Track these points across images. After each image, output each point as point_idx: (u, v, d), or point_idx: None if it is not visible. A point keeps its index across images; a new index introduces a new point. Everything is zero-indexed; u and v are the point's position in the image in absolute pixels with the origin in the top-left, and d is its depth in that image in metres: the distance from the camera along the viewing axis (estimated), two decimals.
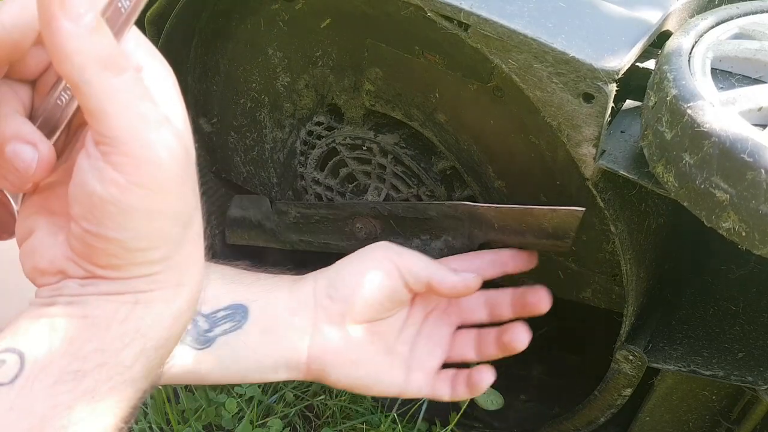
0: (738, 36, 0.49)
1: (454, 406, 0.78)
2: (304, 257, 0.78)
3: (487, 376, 0.61)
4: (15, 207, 0.41)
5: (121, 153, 0.33)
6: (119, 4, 0.33)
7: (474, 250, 0.64)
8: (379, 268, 0.60)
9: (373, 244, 0.63)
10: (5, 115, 0.35)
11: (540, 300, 0.60)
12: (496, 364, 0.82)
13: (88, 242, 0.35)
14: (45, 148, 0.35)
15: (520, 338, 0.60)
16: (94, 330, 0.35)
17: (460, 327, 0.65)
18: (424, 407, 0.78)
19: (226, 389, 0.79)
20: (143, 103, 0.34)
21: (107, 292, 0.36)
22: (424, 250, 0.67)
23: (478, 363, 0.63)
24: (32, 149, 0.35)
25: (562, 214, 0.57)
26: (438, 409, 0.78)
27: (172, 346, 0.39)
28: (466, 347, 0.64)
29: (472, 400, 0.76)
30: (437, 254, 0.67)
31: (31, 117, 0.37)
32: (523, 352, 0.61)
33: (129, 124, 0.33)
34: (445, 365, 0.64)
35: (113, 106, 0.32)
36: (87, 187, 0.34)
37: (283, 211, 0.74)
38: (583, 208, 0.56)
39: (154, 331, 0.37)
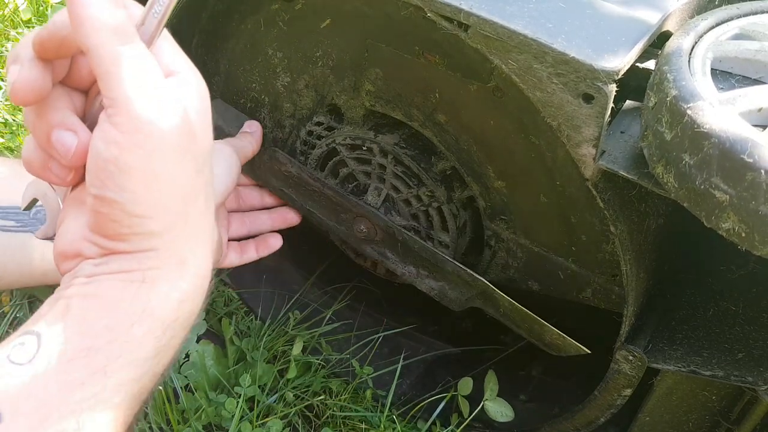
0: (738, 36, 0.49)
1: (455, 406, 0.78)
2: None
3: (276, 241, 0.74)
4: (60, 204, 0.44)
5: (121, 112, 0.36)
6: (152, 11, 0.39)
7: (462, 308, 0.66)
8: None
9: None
10: (57, 108, 0.40)
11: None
12: (496, 364, 0.82)
13: (96, 209, 0.37)
14: (84, 135, 0.39)
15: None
16: (105, 308, 0.37)
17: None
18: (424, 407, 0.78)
19: (226, 389, 0.79)
20: (146, 69, 0.37)
21: (117, 270, 0.38)
22: (416, 281, 0.68)
23: None
24: (73, 135, 0.39)
25: (568, 345, 0.59)
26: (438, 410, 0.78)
27: (180, 329, 0.41)
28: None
29: (481, 409, 0.76)
30: (427, 291, 0.68)
31: (83, 120, 0.41)
32: (523, 352, 0.61)
33: (130, 85, 0.36)
34: None
35: (117, 68, 0.36)
36: (94, 149, 0.37)
37: (278, 159, 0.71)
38: (588, 351, 0.59)
39: (160, 311, 0.39)
